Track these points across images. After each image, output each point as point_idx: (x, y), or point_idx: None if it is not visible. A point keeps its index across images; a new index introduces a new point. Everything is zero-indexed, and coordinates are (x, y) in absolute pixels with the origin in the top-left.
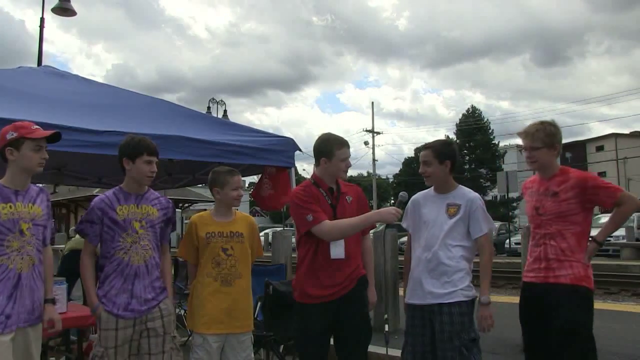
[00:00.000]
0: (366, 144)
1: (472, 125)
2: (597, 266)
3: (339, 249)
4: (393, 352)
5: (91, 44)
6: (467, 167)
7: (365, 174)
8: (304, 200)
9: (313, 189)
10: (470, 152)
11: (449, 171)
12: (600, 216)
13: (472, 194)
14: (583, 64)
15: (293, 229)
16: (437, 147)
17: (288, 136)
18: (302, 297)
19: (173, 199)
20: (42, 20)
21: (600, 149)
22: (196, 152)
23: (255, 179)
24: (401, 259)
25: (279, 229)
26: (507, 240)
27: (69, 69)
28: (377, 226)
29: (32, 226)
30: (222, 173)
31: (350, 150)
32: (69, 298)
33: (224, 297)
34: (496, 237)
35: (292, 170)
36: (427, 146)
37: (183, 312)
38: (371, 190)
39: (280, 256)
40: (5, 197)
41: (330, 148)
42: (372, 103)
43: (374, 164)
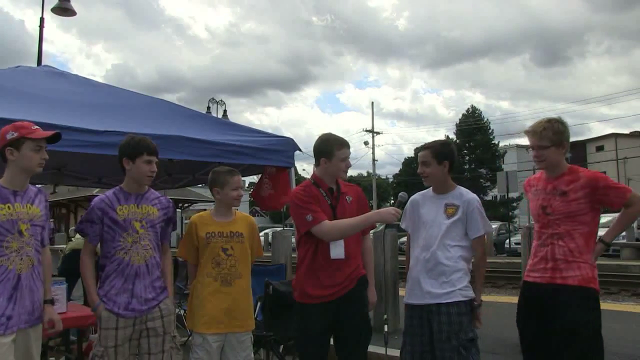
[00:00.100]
0: (366, 144)
1: (472, 125)
2: (597, 266)
3: (338, 249)
4: (392, 352)
5: (91, 44)
6: (467, 167)
7: (365, 174)
8: (303, 200)
9: (313, 189)
10: (470, 152)
11: (447, 171)
12: (601, 216)
13: (470, 195)
14: (583, 64)
15: (293, 229)
16: (436, 148)
17: (288, 136)
18: (302, 297)
19: (173, 199)
20: (41, 20)
21: (600, 149)
22: (196, 152)
23: (255, 179)
24: (401, 259)
25: (278, 229)
26: (507, 240)
27: (68, 69)
28: (377, 226)
29: (30, 227)
30: (222, 173)
31: (350, 150)
32: (69, 298)
33: (224, 297)
34: (496, 237)
35: (292, 170)
36: (426, 147)
37: (183, 312)
38: (371, 190)
39: (280, 256)
40: (3, 197)
41: (330, 148)
42: (372, 103)
43: (373, 164)
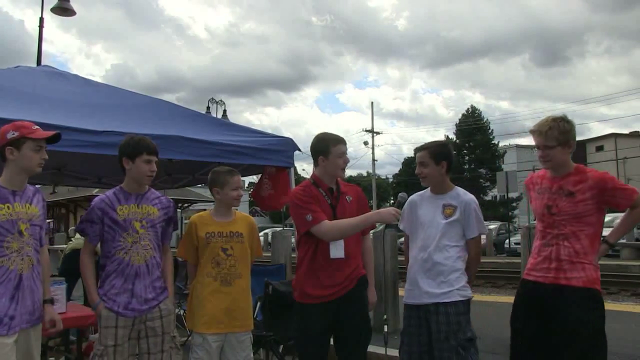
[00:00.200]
0: (366, 144)
1: (472, 125)
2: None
3: (338, 249)
4: (392, 352)
5: (90, 43)
6: (466, 167)
7: (365, 174)
8: (303, 200)
9: (312, 189)
10: (470, 152)
11: (445, 172)
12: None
13: (468, 195)
14: (583, 64)
15: (293, 229)
16: (433, 148)
17: (287, 136)
18: (302, 297)
19: (173, 199)
20: (41, 20)
21: (600, 149)
22: (196, 152)
23: (255, 179)
24: (401, 259)
25: (278, 229)
26: (507, 240)
27: (68, 68)
28: (377, 226)
29: (30, 227)
30: (222, 173)
31: (346, 146)
32: (69, 298)
33: (223, 297)
34: (496, 237)
35: (291, 170)
36: (423, 147)
37: (182, 312)
38: (371, 190)
39: (280, 256)
40: (3, 197)
41: (326, 146)
42: (372, 103)
43: (373, 164)
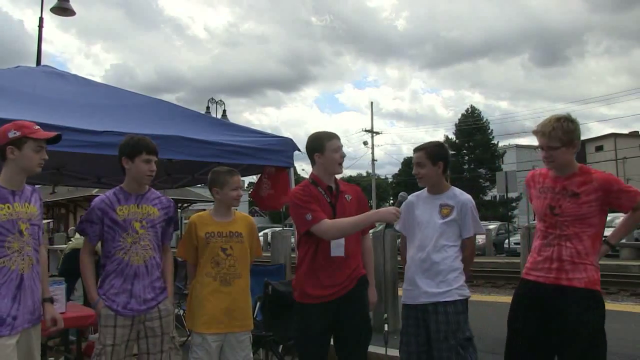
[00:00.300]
0: (365, 144)
1: (472, 125)
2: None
3: (339, 246)
4: (392, 352)
5: (90, 43)
6: (466, 167)
7: (365, 174)
8: (303, 199)
9: (312, 188)
10: (470, 152)
11: (441, 172)
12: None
13: (464, 195)
14: (582, 64)
15: (292, 229)
16: (430, 149)
17: (287, 136)
18: (302, 297)
19: (172, 199)
20: (41, 20)
21: (600, 149)
22: (195, 152)
23: (255, 179)
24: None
25: (278, 229)
26: (507, 240)
27: (67, 69)
28: (377, 226)
29: (29, 226)
30: (222, 173)
31: (340, 141)
32: (68, 298)
33: (223, 297)
34: (495, 237)
35: (291, 170)
36: (420, 148)
37: (182, 312)
38: (370, 190)
39: (280, 256)
40: (2, 197)
41: (320, 142)
42: (372, 103)
43: (373, 164)
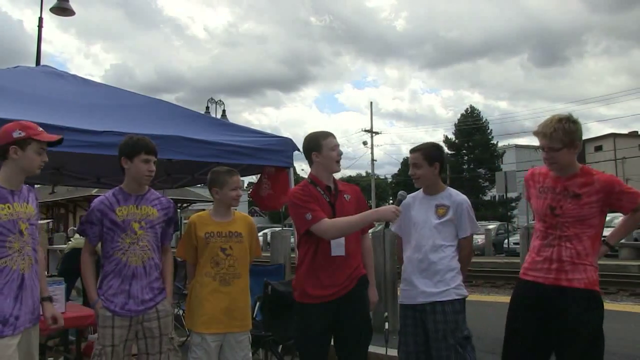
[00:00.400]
0: (365, 144)
1: (471, 125)
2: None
3: (339, 246)
4: (393, 352)
5: (89, 44)
6: (465, 167)
7: (364, 174)
8: (302, 199)
9: (311, 188)
10: (469, 152)
11: (438, 173)
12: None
13: (460, 196)
14: (581, 64)
15: (292, 229)
16: (427, 150)
17: (286, 136)
18: (302, 297)
19: (172, 199)
20: (40, 20)
21: (599, 149)
22: (195, 152)
23: (254, 178)
24: None
25: (277, 229)
26: (506, 240)
27: (67, 69)
28: (376, 226)
29: (29, 226)
30: (221, 173)
31: (336, 139)
32: (68, 298)
33: (222, 297)
34: (495, 237)
35: (290, 170)
36: (417, 149)
37: (182, 312)
38: (370, 190)
39: (279, 256)
40: (2, 197)
41: (316, 141)
42: (371, 103)
43: (372, 164)
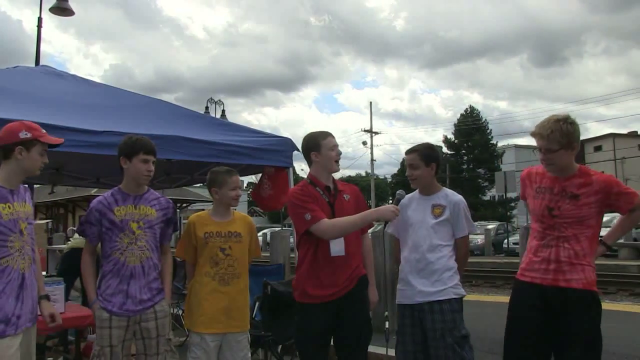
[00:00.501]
0: (364, 144)
1: (470, 125)
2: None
3: (339, 246)
4: (393, 352)
5: (89, 44)
6: (465, 167)
7: (364, 174)
8: (301, 199)
9: (310, 188)
10: (469, 152)
11: (434, 173)
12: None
13: (456, 196)
14: (580, 64)
15: (291, 229)
16: (423, 151)
17: (286, 136)
18: (303, 297)
19: (171, 199)
20: (39, 20)
21: (598, 149)
22: (194, 152)
23: (254, 178)
24: None
25: (277, 229)
26: (505, 240)
27: (66, 69)
28: (376, 226)
29: (27, 225)
30: (221, 173)
31: (335, 139)
32: (67, 297)
33: (221, 297)
34: (494, 237)
35: (290, 170)
36: (413, 150)
37: (181, 312)
38: (369, 190)
39: (279, 256)
40: (3, 197)
41: (315, 141)
42: (370, 103)
43: (372, 164)
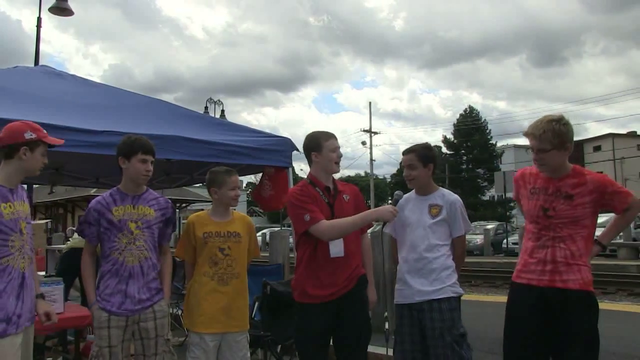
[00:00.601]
0: (364, 144)
1: (470, 125)
2: (594, 266)
3: (338, 247)
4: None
5: (88, 44)
6: (464, 167)
7: (363, 174)
8: (301, 200)
9: (309, 188)
10: (468, 152)
11: (431, 174)
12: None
13: (453, 196)
14: (580, 64)
15: (291, 229)
16: (421, 151)
17: (285, 136)
18: (302, 297)
19: (171, 198)
20: (39, 20)
21: (598, 149)
22: (194, 152)
23: (253, 178)
24: None
25: (276, 229)
26: (505, 240)
27: (66, 69)
28: (375, 226)
29: (26, 224)
30: (220, 173)
31: (338, 141)
32: (66, 297)
33: (220, 297)
34: (493, 237)
35: (289, 170)
36: (411, 150)
37: (180, 312)
38: (369, 190)
39: (278, 256)
40: (4, 196)
41: (317, 141)
42: (370, 103)
43: (371, 164)
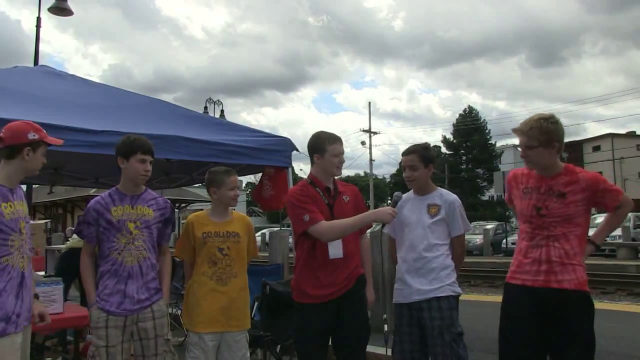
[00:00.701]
0: (363, 144)
1: (469, 125)
2: (593, 266)
3: (337, 248)
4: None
5: (88, 44)
6: (464, 167)
7: (362, 174)
8: (300, 200)
9: (310, 188)
10: (467, 152)
11: (430, 174)
12: (597, 216)
13: (451, 195)
14: (579, 64)
15: (290, 229)
16: (422, 152)
17: (285, 136)
18: (301, 297)
19: (170, 198)
20: (38, 19)
21: (597, 149)
22: (193, 152)
23: (253, 178)
24: None
25: (276, 229)
26: (504, 240)
27: (65, 69)
28: (374, 226)
29: (25, 224)
30: (219, 173)
31: (342, 146)
32: (65, 297)
33: (220, 296)
34: (493, 237)
35: (289, 170)
36: (411, 151)
37: (180, 312)
38: (368, 190)
39: (278, 256)
40: (4, 196)
41: (322, 144)
42: (369, 103)
43: (370, 164)
